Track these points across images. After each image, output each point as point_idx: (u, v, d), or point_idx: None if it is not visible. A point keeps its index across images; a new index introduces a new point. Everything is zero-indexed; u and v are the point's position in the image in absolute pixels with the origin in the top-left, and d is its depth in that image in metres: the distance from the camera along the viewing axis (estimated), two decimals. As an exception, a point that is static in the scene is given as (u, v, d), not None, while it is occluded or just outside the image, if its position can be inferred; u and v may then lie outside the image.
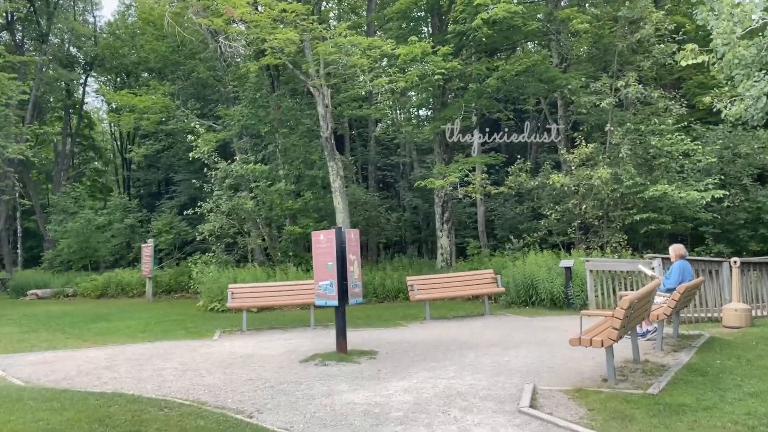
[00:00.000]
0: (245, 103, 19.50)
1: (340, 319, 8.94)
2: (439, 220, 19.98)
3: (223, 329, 12.52)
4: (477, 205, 23.43)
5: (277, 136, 19.50)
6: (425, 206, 27.10)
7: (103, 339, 11.76)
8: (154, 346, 10.61)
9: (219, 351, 9.96)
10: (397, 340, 10.41)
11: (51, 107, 41.54)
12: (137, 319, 15.08)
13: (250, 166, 18.11)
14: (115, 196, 31.60)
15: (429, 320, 12.69)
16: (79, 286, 24.58)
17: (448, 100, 18.17)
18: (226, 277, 17.15)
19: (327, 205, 19.86)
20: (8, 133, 20.53)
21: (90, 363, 9.20)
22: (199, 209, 18.26)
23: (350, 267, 8.90)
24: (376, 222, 23.63)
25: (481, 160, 17.53)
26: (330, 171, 18.38)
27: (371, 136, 28.77)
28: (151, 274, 21.57)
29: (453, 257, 20.04)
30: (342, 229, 8.90)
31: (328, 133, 18.00)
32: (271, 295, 12.32)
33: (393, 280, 17.66)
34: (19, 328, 14.04)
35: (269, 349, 10.03)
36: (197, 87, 28.98)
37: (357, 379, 7.56)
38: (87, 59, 34.70)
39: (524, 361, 8.19)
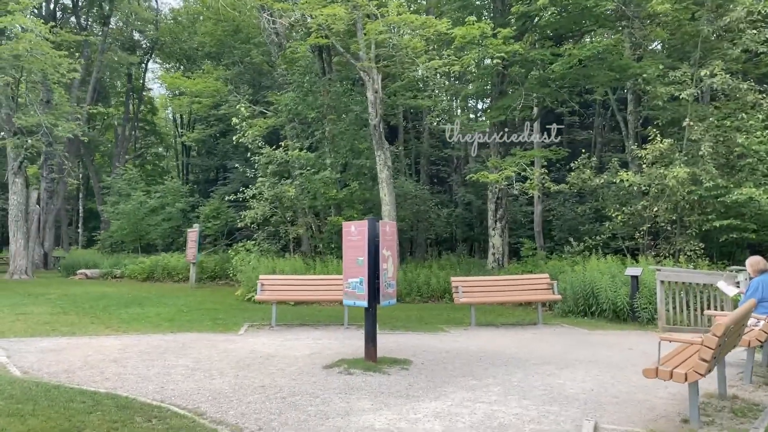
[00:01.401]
0: (293, 87, 18.70)
1: (370, 322, 7.91)
2: (492, 217, 18.68)
3: (253, 322, 11.72)
4: (534, 204, 21.97)
5: (325, 123, 18.62)
6: (479, 203, 25.77)
7: (126, 326, 11.15)
8: (173, 338, 9.87)
9: (240, 348, 9.12)
10: (435, 348, 9.30)
11: (116, 92, 42.31)
12: (171, 306, 14.55)
13: (295, 153, 17.31)
14: (168, 180, 31.57)
15: (474, 326, 11.52)
16: (127, 268, 24.55)
17: (507, 88, 16.80)
18: (264, 267, 16.44)
19: (373, 197, 18.88)
20: (61, 112, 20.45)
21: (100, 354, 8.51)
22: (242, 195, 17.59)
23: (384, 264, 7.84)
24: (425, 217, 22.51)
25: (540, 154, 16.11)
26: (377, 161, 17.39)
27: (425, 128, 27.61)
28: (195, 260, 21.13)
29: (505, 258, 18.72)
30: (376, 221, 7.85)
31: (377, 120, 16.99)
32: (303, 289, 11.42)
33: (439, 279, 16.52)
34: (51, 309, 13.71)
35: (294, 349, 9.12)
36: (252, 73, 28.56)
37: (382, 395, 6.51)
38: (148, 44, 34.94)
39: (582, 386, 6.94)
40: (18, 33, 17.96)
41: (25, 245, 23.17)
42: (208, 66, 26.47)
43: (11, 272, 23.08)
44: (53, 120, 19.79)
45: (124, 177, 29.18)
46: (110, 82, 40.29)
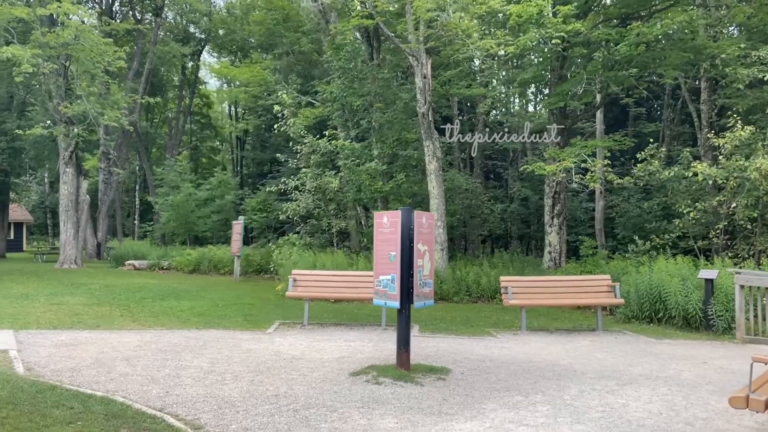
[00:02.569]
0: (339, 74, 17.90)
1: (403, 325, 6.99)
2: (549, 213, 17.39)
3: (285, 320, 11.00)
4: (595, 199, 20.48)
5: (372, 112, 17.75)
6: (536, 198, 24.40)
7: (153, 320, 10.63)
8: (196, 336, 9.24)
9: (264, 348, 8.37)
10: (479, 355, 8.30)
11: (173, 85, 42.73)
12: (207, 300, 14.06)
13: (339, 142, 16.53)
14: (218, 172, 31.51)
15: (525, 331, 10.42)
16: (174, 259, 24.48)
17: (567, 72, 15.48)
18: (305, 261, 15.77)
19: (422, 190, 17.92)
20: (108, 102, 20.40)
21: (116, 350, 7.93)
22: (284, 186, 16.95)
23: (419, 260, 6.91)
24: (477, 212, 21.37)
25: (603, 144, 14.72)
26: (426, 151, 16.41)
27: (479, 119, 26.40)
28: (240, 253, 20.71)
29: (563, 257, 17.39)
30: (411, 211, 6.92)
31: (426, 108, 16.00)
32: (338, 286, 10.59)
33: (490, 278, 15.41)
34: (87, 300, 13.45)
35: (322, 351, 8.30)
36: (302, 63, 28.05)
37: (411, 410, 5.60)
38: (201, 35, 35.02)
39: (648, 409, 5.83)
40: (66, 21, 17.92)
41: (74, 235, 23.36)
42: (257, 55, 26.06)
43: (61, 261, 23.33)
44: (99, 109, 19.73)
45: (174, 168, 29.19)
46: (167, 75, 40.71)
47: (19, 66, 16.74)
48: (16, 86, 27.46)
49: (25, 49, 16.68)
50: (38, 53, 17.30)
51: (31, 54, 16.71)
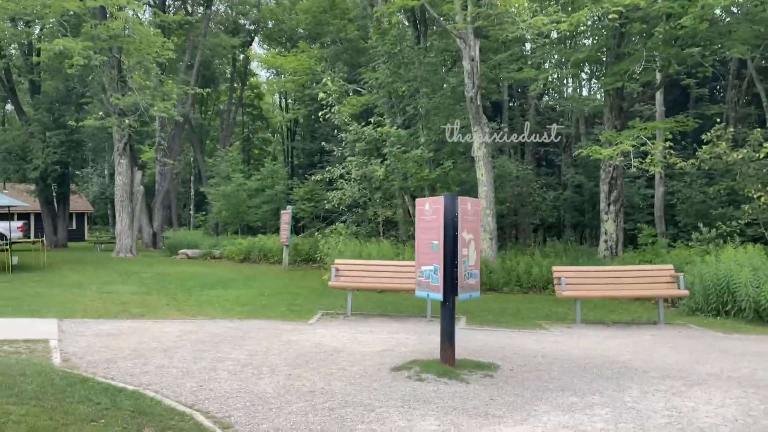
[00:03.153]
0: (384, 59, 17.46)
1: (447, 318, 6.59)
2: (605, 200, 16.59)
3: (328, 311, 10.76)
4: (655, 185, 19.44)
5: (418, 97, 17.27)
6: (590, 185, 23.43)
7: (198, 310, 10.57)
8: (238, 326, 9.08)
9: (305, 340, 8.13)
10: (530, 350, 7.81)
11: (225, 78, 43.15)
12: (254, 289, 14.02)
13: (385, 129, 16.14)
14: (268, 163, 31.65)
15: (579, 324, 9.85)
16: (225, 249, 24.72)
17: (624, 50, 14.58)
18: (350, 251, 15.53)
19: (470, 178, 17.37)
20: (158, 93, 20.63)
21: (155, 341, 7.83)
22: (329, 175, 16.72)
23: (464, 249, 6.48)
24: (529, 200, 20.64)
25: (664, 126, 13.80)
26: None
27: (531, 104, 25.51)
28: (288, 242, 20.66)
29: (619, 246, 16.58)
30: (455, 197, 6.49)
31: (474, 91, 15.43)
32: (382, 276, 10.25)
33: (542, 268, 14.80)
34: (136, 288, 13.59)
35: (364, 344, 7.99)
36: (350, 52, 27.74)
37: (454, 411, 5.21)
38: (251, 26, 35.17)
39: (722, 414, 5.25)
40: (115, 13, 18.12)
41: (129, 225, 23.85)
42: (304, 44, 25.88)
43: (117, 250, 23.87)
44: (150, 100, 19.96)
45: (225, 159, 29.47)
46: (219, 68, 41.18)
47: (71, 58, 17.06)
48: (73, 80, 28.23)
49: (77, 42, 16.96)
50: (89, 45, 17.59)
51: (82, 46, 16.99)
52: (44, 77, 27.78)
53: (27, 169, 28.64)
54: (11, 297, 11.72)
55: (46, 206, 31.90)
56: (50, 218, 32.23)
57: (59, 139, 27.49)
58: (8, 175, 34.02)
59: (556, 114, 28.15)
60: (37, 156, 27.14)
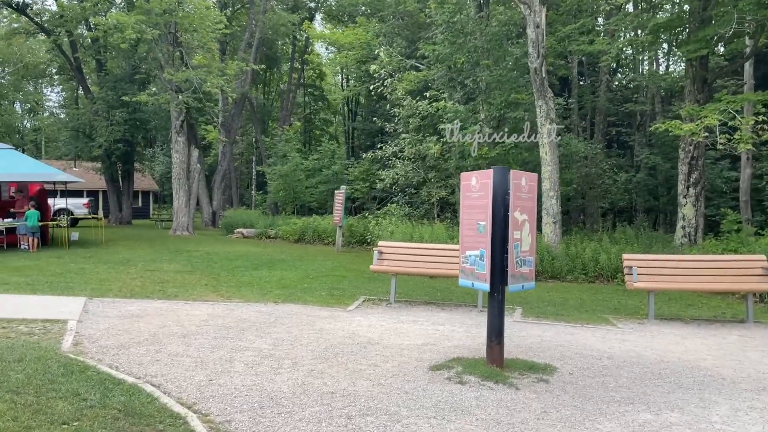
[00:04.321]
0: (442, 30, 16.34)
1: (495, 312, 5.66)
2: (684, 182, 15.02)
3: (371, 296, 9.99)
4: (741, 167, 17.58)
5: (478, 70, 16.11)
6: (666, 166, 21.62)
7: (234, 292, 10.02)
8: (271, 310, 8.44)
9: (339, 329, 7.38)
10: (594, 349, 6.78)
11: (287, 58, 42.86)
12: (300, 270, 13.44)
13: (441, 104, 15.11)
14: (325, 142, 31.16)
15: (652, 320, 8.67)
16: (280, 228, 24.41)
17: (711, 13, 12.92)
18: (401, 232, 14.73)
19: (534, 157, 16.15)
20: (211, 69, 20.29)
21: (179, 324, 7.29)
22: (381, 152, 15.86)
23: (516, 231, 5.52)
24: (598, 182, 19.15)
25: (756, 98, 12.16)
26: (538, 112, 14.62)
27: (602, 81, 23.76)
28: (342, 223, 20.04)
29: (699, 233, 15.01)
30: (507, 170, 5.52)
31: (539, 62, 14.18)
32: (428, 260, 9.33)
33: (610, 255, 13.52)
34: (181, 267, 13.28)
35: (403, 335, 7.16)
36: (410, 27, 26.68)
37: (498, 426, 4.31)
38: (311, 3, 34.60)
39: (841, 448, 4.13)
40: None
41: (186, 203, 23.85)
42: (361, 19, 25.00)
43: (174, 228, 23.96)
44: (203, 75, 19.65)
45: (282, 138, 29.12)
46: (282, 48, 40.88)
47: (123, 32, 16.88)
48: (136, 59, 28.48)
49: (130, 16, 16.75)
50: (142, 19, 17.38)
51: (135, 20, 16.77)
52: (109, 56, 28.07)
53: (92, 147, 29.23)
54: (55, 272, 11.59)
55: (112, 184, 32.62)
56: (115, 196, 32.97)
57: (122, 117, 27.85)
58: (77, 153, 35.02)
59: (630, 91, 26.21)
60: (101, 134, 27.60)
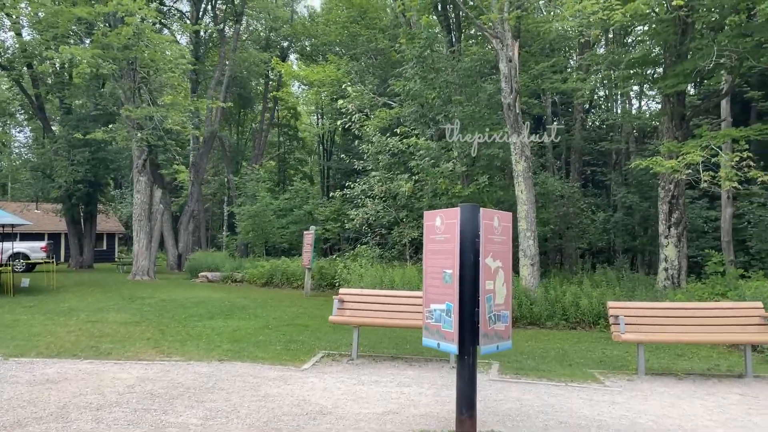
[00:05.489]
0: (412, 64, 15.77)
1: (465, 378, 4.73)
2: (665, 222, 14.40)
3: (331, 351, 8.97)
4: (722, 206, 17.08)
5: (450, 106, 15.50)
6: (644, 205, 21.13)
7: (178, 348, 8.92)
8: (212, 371, 7.37)
9: (287, 394, 6.36)
10: (581, 417, 5.85)
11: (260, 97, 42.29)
12: (260, 319, 12.39)
13: (412, 140, 14.40)
14: (297, 181, 30.32)
15: (643, 376, 7.79)
16: (247, 272, 23.28)
17: (689, 46, 12.49)
18: (371, 276, 13.78)
19: (508, 196, 15.46)
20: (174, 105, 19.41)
21: (98, 392, 6.21)
22: (349, 191, 15.02)
23: (488, 281, 4.64)
24: (575, 221, 18.51)
25: (739, 134, 11.65)
26: (512, 149, 13.98)
27: (576, 119, 23.45)
28: (311, 265, 19.03)
29: (682, 275, 14.33)
30: (477, 208, 4.68)
31: (512, 97, 13.60)
32: (395, 309, 8.38)
33: (591, 299, 12.72)
34: (128, 318, 12.13)
35: (362, 401, 6.17)
36: (382, 66, 26.30)
37: None
38: (284, 42, 34.22)
39: None
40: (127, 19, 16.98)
41: (147, 245, 22.65)
42: (332, 56, 24.51)
43: (134, 273, 22.67)
44: (164, 112, 18.77)
45: (251, 177, 28.21)
46: (256, 88, 40.33)
47: (78, 67, 16.02)
48: (98, 96, 27.54)
49: (86, 50, 15.92)
50: (98, 53, 16.53)
51: (91, 54, 15.92)
52: (70, 93, 27.09)
53: (51, 188, 27.97)
54: (-19, 325, 10.38)
55: (73, 226, 31.20)
56: (76, 238, 31.51)
57: (84, 157, 26.73)
58: (38, 194, 33.61)
59: (605, 130, 25.97)
60: (61, 174, 26.40)
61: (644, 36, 15.52)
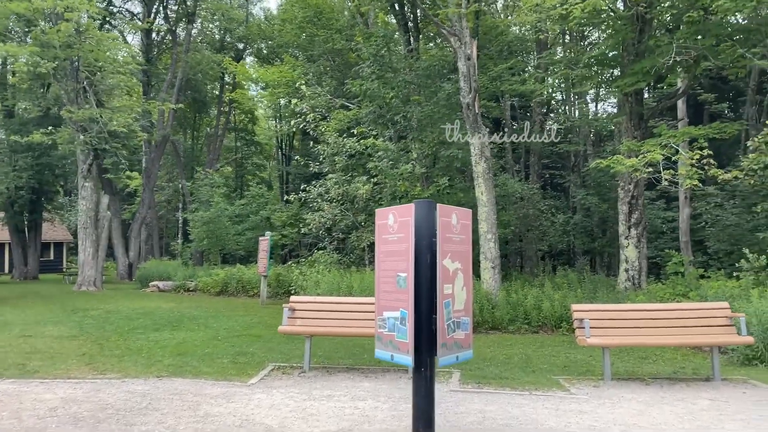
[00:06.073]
0: (369, 63, 15.30)
1: (423, 392, 4.26)
2: (625, 222, 14.27)
3: (282, 363, 8.39)
4: (680, 206, 17.13)
5: (408, 106, 15.09)
6: (603, 207, 21.15)
7: (114, 364, 8.21)
8: (148, 389, 6.72)
9: (229, 414, 5.77)
10: (547, 430, 5.44)
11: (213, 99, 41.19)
12: (210, 330, 11.71)
13: (369, 141, 13.93)
14: (253, 186, 29.51)
15: (609, 381, 7.45)
16: (201, 280, 22.40)
17: (648, 44, 12.38)
18: (328, 282, 13.23)
19: (469, 198, 15.13)
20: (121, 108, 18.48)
21: (16, 416, 5.55)
22: (305, 194, 14.46)
23: (445, 284, 4.18)
24: (535, 224, 18.33)
25: (699, 132, 11.56)
26: (472, 150, 13.66)
27: (535, 121, 23.40)
28: (266, 273, 18.32)
29: (643, 276, 14.22)
30: (432, 205, 4.22)
31: (471, 97, 13.28)
32: (349, 318, 7.87)
33: (554, 303, 12.46)
34: (65, 331, 11.31)
35: (313, 420, 5.63)
36: (339, 68, 25.79)
37: None
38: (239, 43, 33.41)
39: None
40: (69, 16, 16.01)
41: (93, 254, 21.59)
42: (288, 57, 23.88)
43: (79, 283, 21.56)
44: (109, 114, 17.84)
45: (205, 182, 27.26)
46: (212, 93, 39.22)
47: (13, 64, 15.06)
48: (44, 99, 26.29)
49: (22, 47, 14.97)
50: (36, 51, 15.58)
51: (28, 52, 14.97)
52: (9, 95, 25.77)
53: (-10, 195, 26.55)
54: None
55: (16, 235, 29.77)
56: (20, 248, 30.04)
57: (26, 162, 25.44)
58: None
59: (563, 133, 26.05)
60: (2, 181, 25.05)
61: (602, 34, 15.43)
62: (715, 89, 25.89)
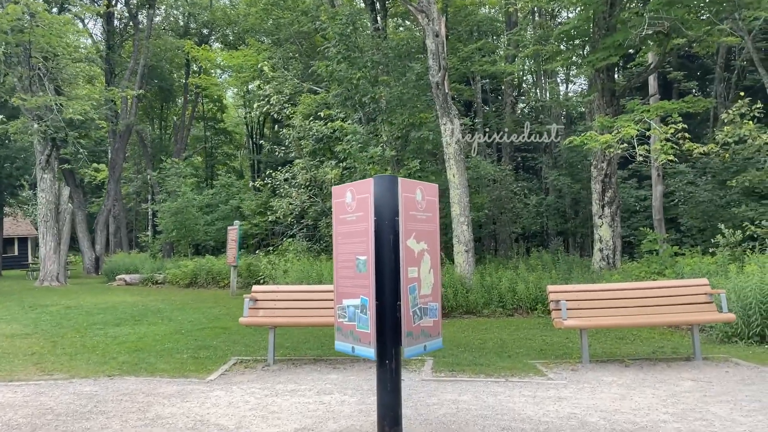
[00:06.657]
0: (334, 43, 14.76)
1: (388, 387, 3.87)
2: (598, 201, 14.05)
3: (245, 357, 7.94)
4: (652, 184, 16.99)
5: (376, 88, 14.61)
6: (575, 188, 20.99)
7: (64, 362, 7.67)
8: (97, 390, 6.22)
9: (183, 414, 5.32)
10: (524, 420, 5.10)
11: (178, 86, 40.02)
12: (173, 324, 11.21)
13: (337, 124, 13.43)
14: (222, 176, 28.76)
15: (587, 364, 7.17)
16: (169, 272, 21.75)
17: (619, 17, 12.08)
18: (297, 271, 12.78)
19: (440, 181, 14.75)
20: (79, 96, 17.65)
21: (-61, 426, 4.98)
22: (271, 181, 13.92)
23: (410, 267, 3.78)
24: (509, 206, 18.06)
25: (672, 107, 11.32)
26: (443, 131, 13.27)
27: (506, 102, 23.09)
28: (236, 263, 17.78)
29: (617, 255, 14.05)
30: (394, 180, 3.80)
31: (440, 75, 12.87)
32: (314, 307, 7.44)
33: (528, 284, 12.20)
34: (19, 329, 10.69)
35: (274, 418, 5.20)
36: (306, 52, 25.10)
37: None
38: (202, 29, 32.41)
39: None
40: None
41: (55, 248, 20.76)
42: (252, 41, 23.14)
43: (41, 278, 20.73)
44: (64, 100, 17.00)
45: (172, 172, 26.44)
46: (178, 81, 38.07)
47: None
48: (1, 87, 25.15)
49: (-35, 31, 14.11)
50: (-19, 35, 14.72)
51: (-28, 36, 14.14)
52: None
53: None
54: None
55: (-25, 231, 28.63)
56: (-20, 244, 28.93)
57: (-20, 154, 24.40)
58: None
59: (534, 114, 25.82)
60: (-45, 174, 23.98)
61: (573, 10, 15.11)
62: (684, 67, 25.90)
